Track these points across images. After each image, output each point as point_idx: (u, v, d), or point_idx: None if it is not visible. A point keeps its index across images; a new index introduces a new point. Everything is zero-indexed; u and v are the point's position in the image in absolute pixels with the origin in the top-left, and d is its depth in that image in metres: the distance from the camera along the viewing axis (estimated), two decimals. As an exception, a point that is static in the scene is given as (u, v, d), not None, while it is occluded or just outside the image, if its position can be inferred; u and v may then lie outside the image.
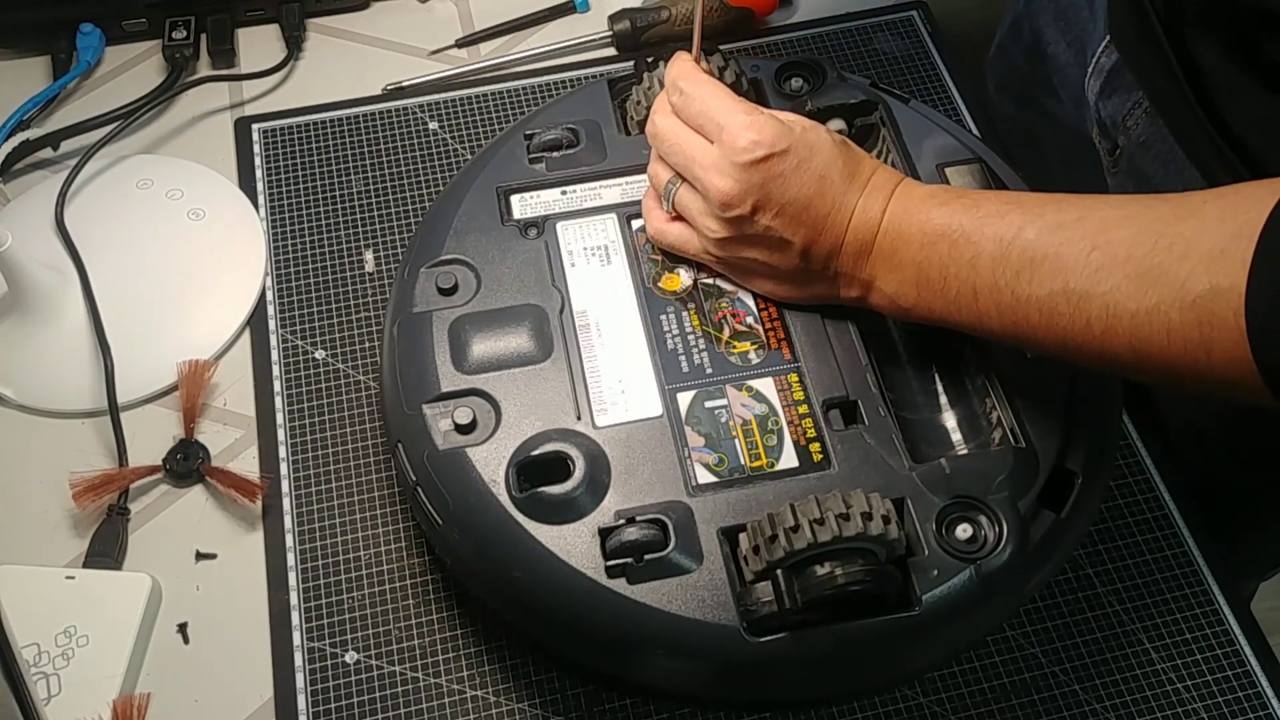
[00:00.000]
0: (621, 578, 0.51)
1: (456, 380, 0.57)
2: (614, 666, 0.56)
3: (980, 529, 0.52)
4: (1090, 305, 0.46)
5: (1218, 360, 0.43)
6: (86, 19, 0.83)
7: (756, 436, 0.55)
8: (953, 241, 0.51)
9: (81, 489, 0.62)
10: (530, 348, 0.58)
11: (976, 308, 0.51)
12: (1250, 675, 0.59)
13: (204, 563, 0.63)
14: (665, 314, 0.60)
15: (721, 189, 0.54)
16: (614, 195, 0.64)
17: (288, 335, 0.71)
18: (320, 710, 0.58)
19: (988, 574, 0.51)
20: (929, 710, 0.58)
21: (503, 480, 0.53)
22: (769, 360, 0.58)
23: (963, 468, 0.53)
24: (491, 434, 0.55)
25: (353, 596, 0.61)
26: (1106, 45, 0.67)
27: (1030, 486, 0.53)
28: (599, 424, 0.55)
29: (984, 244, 0.50)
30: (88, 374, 0.67)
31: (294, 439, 0.66)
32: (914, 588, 0.51)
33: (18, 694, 0.43)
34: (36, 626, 0.59)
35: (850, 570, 0.48)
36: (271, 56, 0.83)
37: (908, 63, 0.84)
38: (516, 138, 0.66)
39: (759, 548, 0.50)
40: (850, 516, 0.48)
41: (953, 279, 0.51)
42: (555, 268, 0.61)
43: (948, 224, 0.52)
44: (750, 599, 0.50)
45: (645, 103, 0.65)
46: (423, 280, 0.60)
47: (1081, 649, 0.60)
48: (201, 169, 0.78)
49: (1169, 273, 0.44)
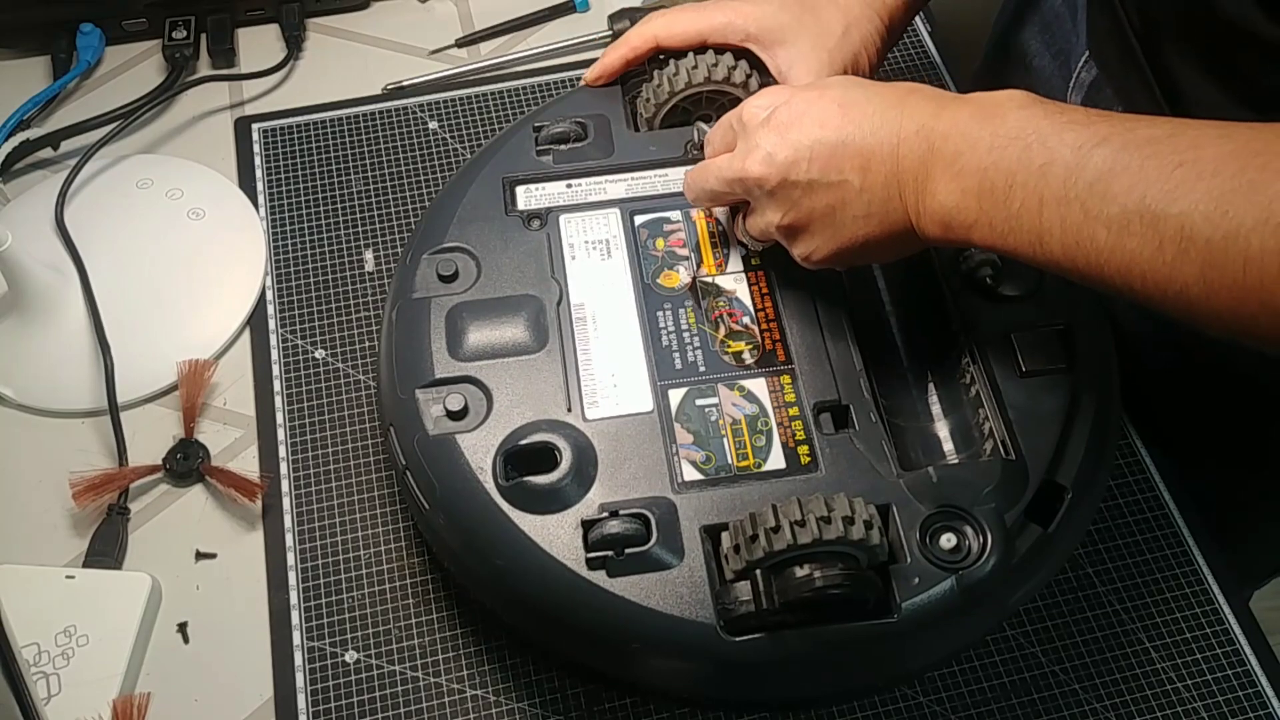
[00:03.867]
0: (601, 570, 0.51)
1: (451, 367, 0.57)
2: (590, 659, 0.56)
3: (964, 539, 0.51)
4: (1165, 225, 0.42)
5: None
6: (86, 19, 0.83)
7: (745, 436, 0.55)
8: (1026, 144, 0.46)
9: (81, 488, 0.62)
10: (525, 338, 0.58)
11: (1040, 223, 0.46)
12: (1250, 675, 0.59)
13: (204, 562, 0.63)
14: (662, 310, 0.60)
15: (753, 171, 0.53)
16: (619, 190, 0.64)
17: (288, 335, 0.71)
18: (320, 710, 0.58)
19: (969, 585, 0.51)
20: (929, 710, 0.58)
21: (490, 468, 0.54)
22: (763, 361, 0.58)
23: (950, 477, 0.53)
24: (482, 421, 0.55)
25: (353, 596, 0.61)
26: (1087, 59, 0.67)
27: (1018, 499, 0.53)
28: (589, 417, 0.56)
29: (1060, 150, 0.45)
30: (88, 374, 0.67)
31: (294, 439, 0.66)
32: (894, 595, 0.50)
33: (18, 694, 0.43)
34: (36, 626, 0.59)
35: (829, 573, 0.48)
36: (271, 56, 0.83)
37: (908, 63, 0.84)
38: (526, 129, 0.66)
39: (739, 547, 0.50)
40: (832, 520, 0.48)
41: (1019, 187, 0.46)
42: (556, 260, 0.61)
43: (1023, 127, 0.47)
44: (729, 598, 0.50)
45: (654, 100, 0.65)
46: (424, 266, 0.61)
47: (1081, 649, 0.60)
48: (201, 169, 0.78)
49: (1259, 191, 0.39)
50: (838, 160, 0.51)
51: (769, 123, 0.53)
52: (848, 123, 0.51)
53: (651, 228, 0.63)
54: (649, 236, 0.62)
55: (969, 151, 0.48)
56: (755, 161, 0.53)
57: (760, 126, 0.53)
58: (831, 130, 0.51)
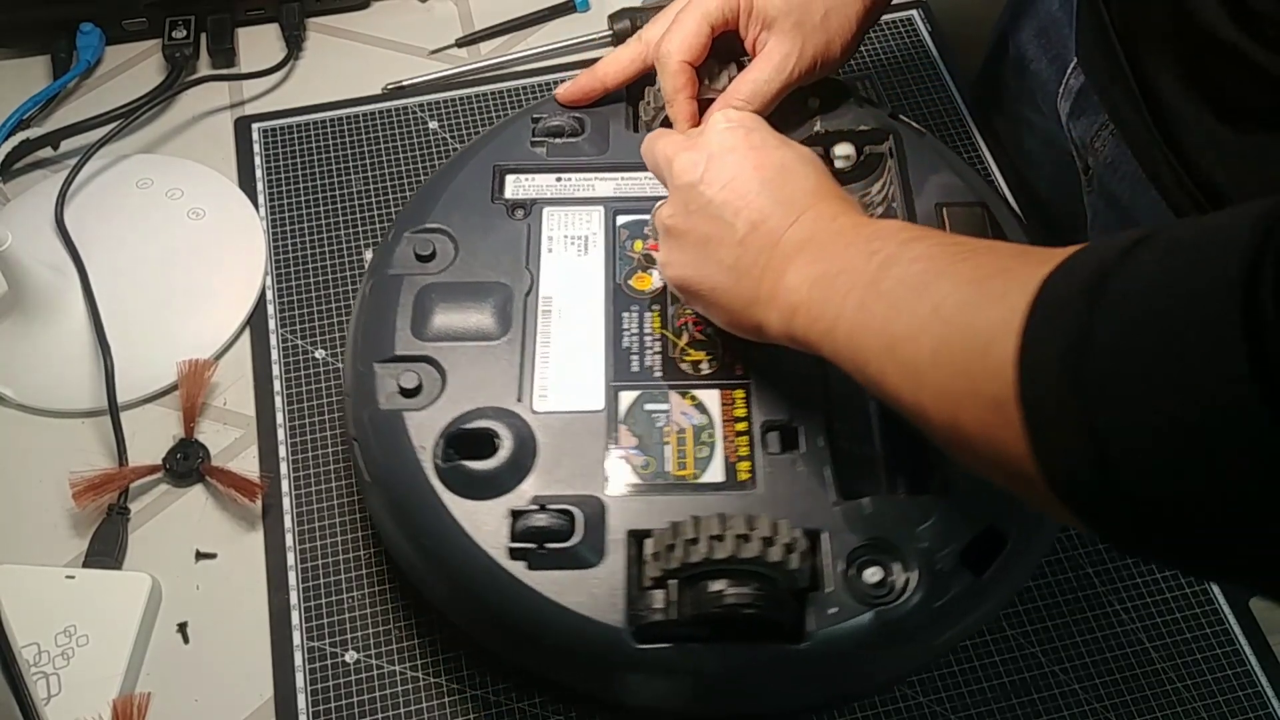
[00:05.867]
0: (522, 561, 0.51)
1: (412, 345, 0.58)
2: (502, 649, 0.56)
3: (890, 574, 0.50)
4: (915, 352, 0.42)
5: None
6: (86, 19, 0.83)
7: (689, 446, 0.55)
8: (872, 250, 0.46)
9: (81, 488, 0.62)
10: (489, 324, 0.58)
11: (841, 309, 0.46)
12: (1250, 675, 0.59)
13: (204, 562, 0.63)
14: (629, 311, 0.60)
15: (680, 162, 0.53)
16: (607, 189, 0.64)
17: (288, 335, 0.71)
18: (320, 710, 0.58)
19: (887, 621, 0.50)
20: (929, 710, 0.58)
21: (431, 448, 0.54)
22: (719, 373, 0.58)
23: (884, 510, 0.52)
24: (433, 401, 0.56)
25: (353, 596, 0.61)
26: (1075, 66, 0.67)
27: (953, 542, 0.51)
28: (537, 409, 0.56)
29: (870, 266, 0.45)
30: (88, 373, 0.67)
31: (294, 439, 0.66)
32: (807, 621, 0.50)
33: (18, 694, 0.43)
34: (36, 626, 0.59)
35: (740, 591, 0.48)
36: (271, 56, 0.83)
37: (908, 62, 0.84)
38: (524, 120, 0.67)
39: (658, 554, 0.49)
40: (751, 539, 0.47)
41: (845, 275, 0.46)
42: (533, 251, 0.61)
43: (875, 233, 0.47)
44: (642, 604, 0.50)
45: (655, 104, 0.65)
46: (404, 244, 0.61)
47: (1081, 649, 0.60)
48: (201, 168, 0.78)
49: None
50: (742, 204, 0.51)
51: (724, 135, 0.53)
52: (771, 181, 0.51)
53: (632, 229, 0.63)
54: (628, 237, 0.62)
55: (832, 244, 0.48)
56: (689, 159, 0.53)
57: (717, 134, 0.54)
58: (755, 179, 0.51)
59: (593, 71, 0.67)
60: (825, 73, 0.63)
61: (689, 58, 0.62)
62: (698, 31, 0.61)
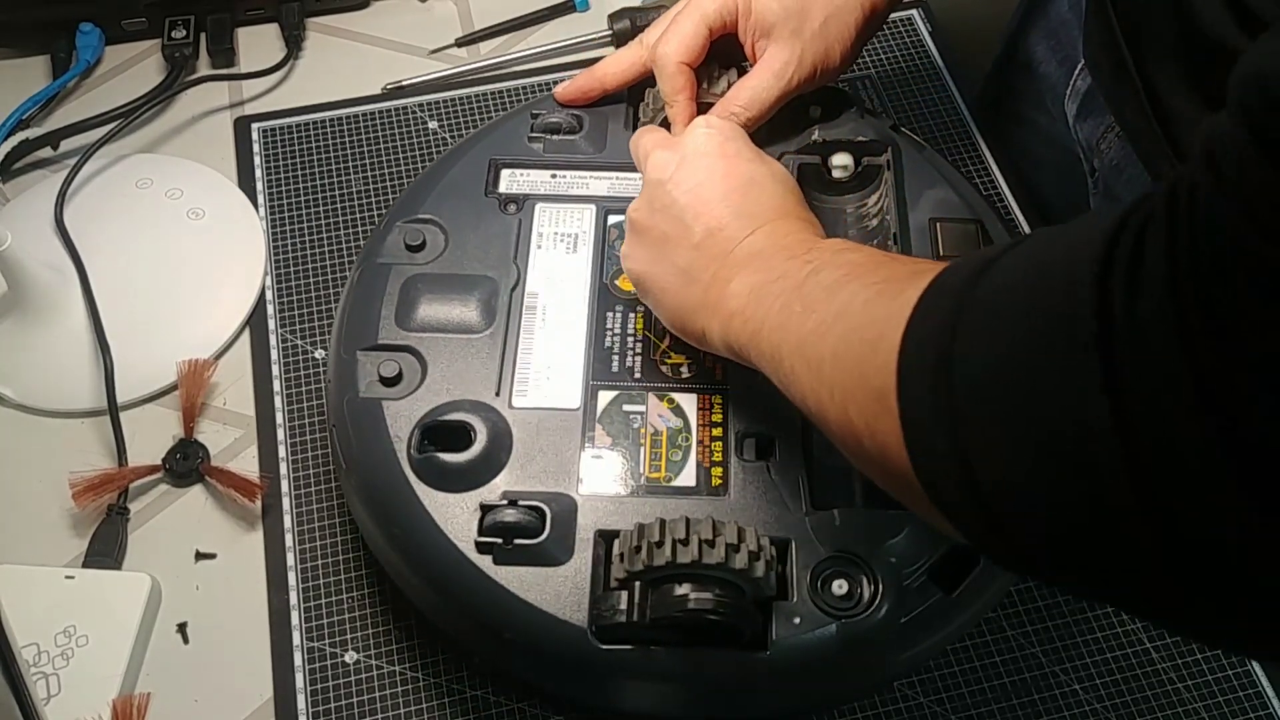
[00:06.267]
0: (489, 556, 0.51)
1: (395, 334, 0.58)
2: (466, 642, 0.56)
3: (857, 588, 0.51)
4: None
5: None
6: (86, 18, 0.83)
7: (663, 449, 0.55)
8: (814, 267, 0.47)
9: (81, 488, 0.62)
10: (472, 318, 0.59)
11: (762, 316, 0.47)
12: (1250, 675, 0.59)
13: (204, 562, 0.63)
14: (613, 311, 0.60)
15: (657, 158, 0.54)
16: (601, 188, 0.65)
17: (287, 335, 0.71)
18: (320, 710, 0.58)
19: (851, 634, 0.50)
20: (929, 710, 0.58)
21: (406, 438, 0.54)
22: (699, 377, 0.58)
23: (854, 523, 0.52)
24: (412, 392, 0.56)
25: (352, 596, 0.61)
26: (1082, 68, 0.67)
27: (921, 558, 0.51)
28: (515, 404, 0.56)
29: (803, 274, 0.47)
30: (87, 373, 0.67)
31: (294, 439, 0.66)
32: (772, 630, 0.50)
33: (18, 694, 0.43)
34: (36, 626, 0.58)
35: (701, 596, 0.48)
36: (271, 56, 0.83)
37: (908, 63, 0.84)
38: (523, 115, 0.67)
39: (624, 556, 0.49)
40: (716, 544, 0.47)
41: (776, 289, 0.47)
42: (522, 246, 0.62)
43: (809, 245, 0.48)
44: (606, 605, 0.50)
45: (654, 106, 0.65)
46: (395, 233, 0.62)
47: (1081, 649, 0.60)
48: (201, 168, 0.78)
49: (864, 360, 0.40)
50: (703, 210, 0.52)
51: (700, 140, 0.54)
52: (736, 192, 0.52)
53: (623, 229, 0.63)
54: (618, 237, 0.62)
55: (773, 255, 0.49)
56: (664, 157, 0.54)
57: (694, 138, 0.54)
58: (720, 188, 0.52)
59: (592, 72, 0.67)
60: (826, 80, 0.63)
61: (686, 59, 0.62)
62: (695, 33, 0.61)
